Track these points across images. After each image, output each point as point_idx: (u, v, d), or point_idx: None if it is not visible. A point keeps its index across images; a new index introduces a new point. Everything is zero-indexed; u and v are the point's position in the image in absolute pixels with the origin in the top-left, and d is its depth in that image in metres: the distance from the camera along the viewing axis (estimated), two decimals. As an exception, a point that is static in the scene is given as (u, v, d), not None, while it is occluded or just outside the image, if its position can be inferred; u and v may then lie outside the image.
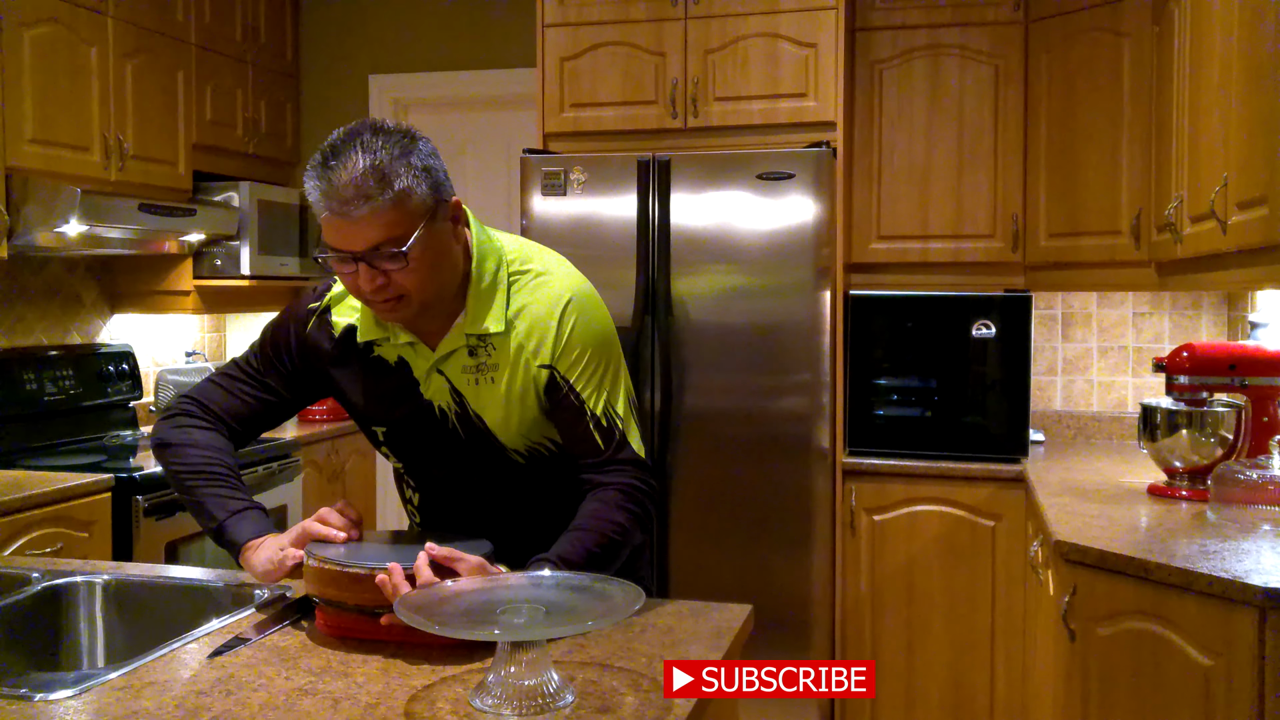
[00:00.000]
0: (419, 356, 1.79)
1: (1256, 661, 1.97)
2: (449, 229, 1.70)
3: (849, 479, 3.60)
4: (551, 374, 1.76)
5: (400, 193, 1.60)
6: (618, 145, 3.72)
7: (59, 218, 3.29)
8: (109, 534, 3.12)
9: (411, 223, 1.62)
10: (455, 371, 1.78)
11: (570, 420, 1.78)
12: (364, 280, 1.64)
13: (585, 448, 1.78)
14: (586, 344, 1.78)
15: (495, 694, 1.30)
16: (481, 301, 1.76)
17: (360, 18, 4.72)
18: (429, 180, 1.64)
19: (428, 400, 1.80)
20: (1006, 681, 3.49)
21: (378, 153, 1.59)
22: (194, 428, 1.87)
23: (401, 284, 1.64)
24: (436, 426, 1.81)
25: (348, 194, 1.58)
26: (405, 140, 1.63)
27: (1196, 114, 2.79)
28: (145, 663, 1.48)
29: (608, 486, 1.76)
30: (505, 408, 1.77)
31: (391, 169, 1.59)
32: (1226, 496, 2.56)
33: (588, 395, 1.77)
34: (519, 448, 1.81)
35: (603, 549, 1.69)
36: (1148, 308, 3.93)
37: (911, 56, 3.81)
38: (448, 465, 1.85)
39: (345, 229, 1.60)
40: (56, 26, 3.37)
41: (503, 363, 1.76)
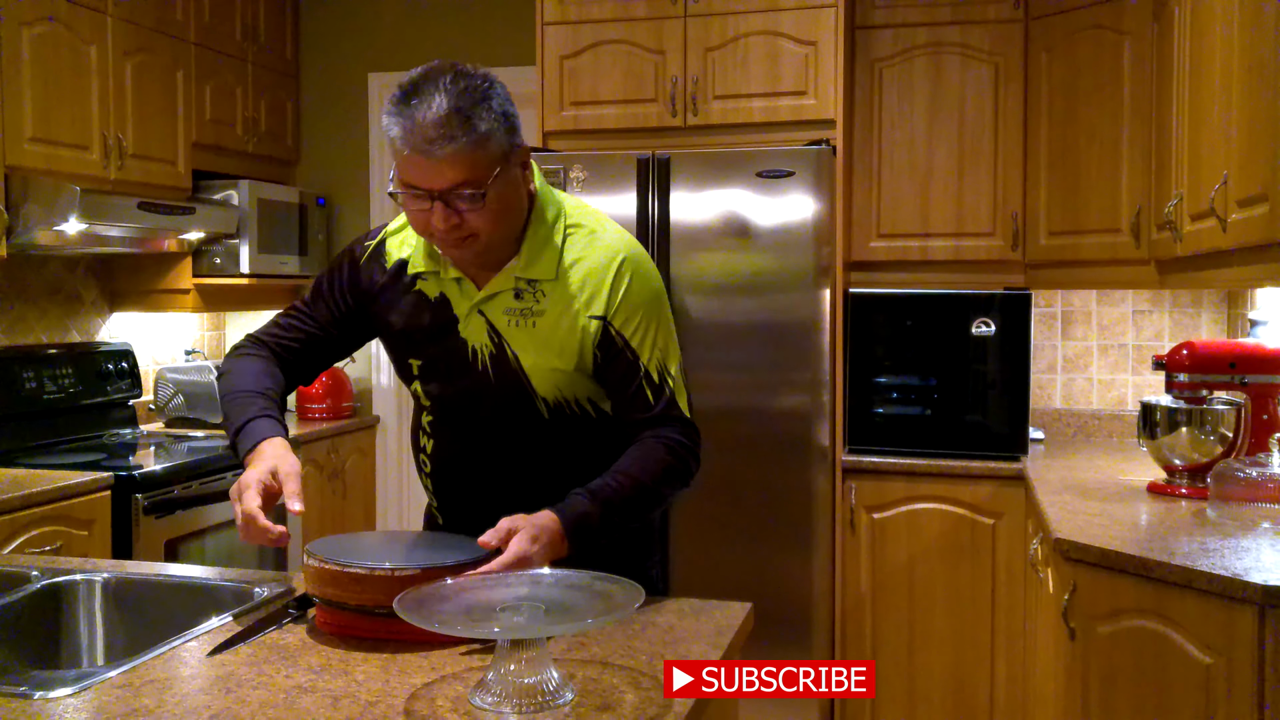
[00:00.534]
0: (463, 295, 1.82)
1: (1256, 659, 1.97)
2: (520, 174, 1.75)
3: (849, 477, 3.60)
4: (605, 328, 1.79)
5: (482, 135, 1.64)
6: (618, 143, 3.72)
7: (59, 216, 3.29)
8: (108, 532, 3.12)
9: (490, 165, 1.66)
10: (497, 313, 1.80)
11: (623, 375, 1.81)
12: (438, 218, 1.67)
13: (636, 404, 1.81)
14: (641, 301, 1.82)
15: (495, 692, 1.30)
16: (537, 247, 1.79)
17: (360, 16, 4.72)
18: (506, 124, 1.68)
19: (462, 339, 1.82)
20: (1007, 680, 3.49)
21: (460, 95, 1.64)
22: (245, 357, 1.92)
23: (474, 224, 1.68)
24: (467, 367, 1.82)
25: (431, 134, 1.62)
26: (485, 84, 1.68)
27: (1197, 111, 2.79)
28: (145, 661, 1.48)
29: (653, 438, 1.79)
30: (545, 352, 1.79)
31: (474, 111, 1.63)
32: (1226, 494, 2.56)
33: (642, 351, 1.81)
34: (548, 396, 1.82)
35: (639, 494, 1.74)
36: (1148, 306, 3.93)
37: (912, 54, 3.81)
38: (471, 410, 1.85)
39: (427, 167, 1.64)
40: (56, 25, 3.37)
41: (550, 309, 1.79)
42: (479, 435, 1.87)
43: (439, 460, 1.93)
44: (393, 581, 1.50)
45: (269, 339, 1.96)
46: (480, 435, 1.86)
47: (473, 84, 1.66)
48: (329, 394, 4.47)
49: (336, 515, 4.31)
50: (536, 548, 1.60)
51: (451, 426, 1.90)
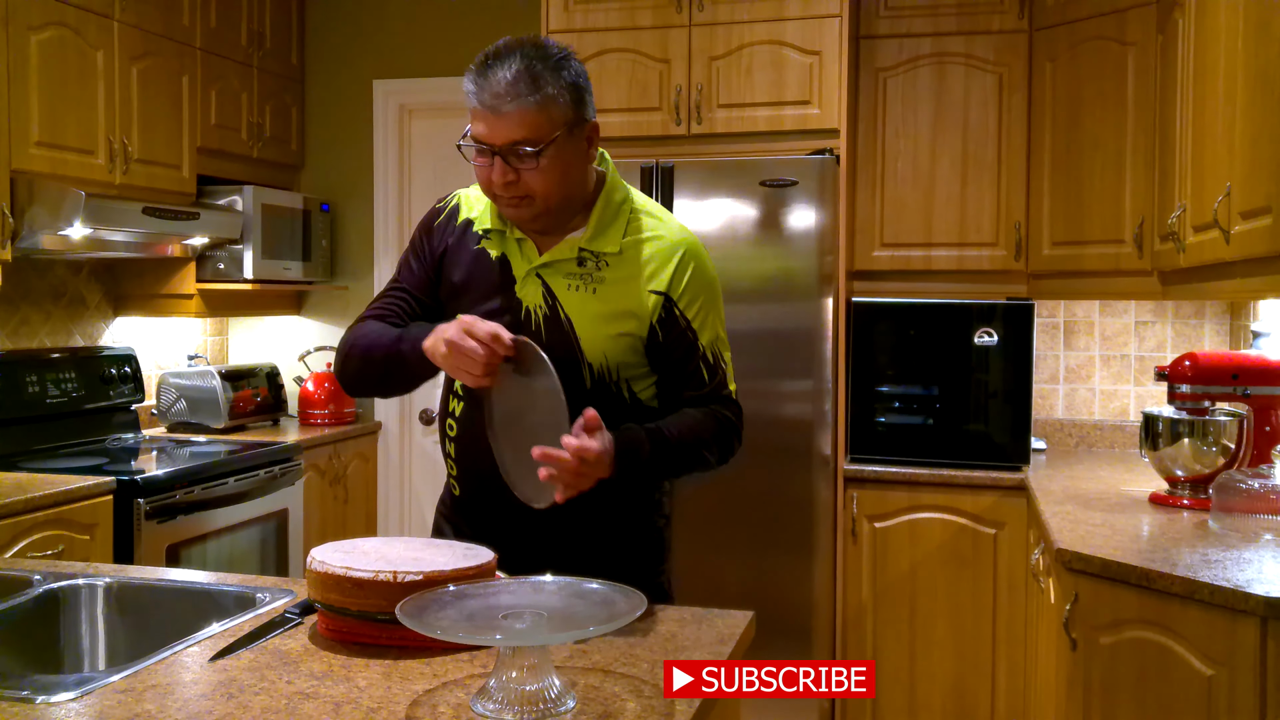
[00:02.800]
0: (524, 258, 1.89)
1: (1258, 671, 1.97)
2: (583, 148, 1.84)
3: (851, 486, 3.60)
4: (669, 305, 1.86)
5: (546, 97, 1.75)
6: (622, 151, 3.71)
7: (63, 221, 3.29)
8: (110, 537, 3.12)
9: (550, 129, 1.76)
10: (556, 278, 1.87)
11: (683, 353, 1.89)
12: (497, 173, 1.79)
13: (691, 381, 1.90)
14: (703, 286, 1.90)
15: (497, 699, 1.30)
16: (604, 222, 1.88)
17: (365, 23, 4.73)
18: (574, 94, 1.79)
19: (518, 299, 1.88)
20: (1008, 690, 3.49)
21: (534, 60, 1.77)
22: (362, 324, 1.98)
23: (530, 184, 1.78)
24: (519, 327, 1.86)
25: (499, 89, 1.75)
26: (561, 56, 1.80)
27: (1200, 123, 2.79)
28: (147, 666, 1.48)
29: (704, 408, 1.89)
30: (601, 316, 1.85)
31: (542, 76, 1.76)
32: (1228, 506, 2.56)
33: (702, 333, 1.90)
34: (594, 363, 1.86)
35: (688, 446, 1.84)
36: (1150, 317, 3.93)
37: (916, 64, 3.82)
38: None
39: (491, 122, 1.77)
40: (63, 30, 3.38)
41: (613, 278, 1.87)
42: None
43: (465, 424, 1.93)
44: (395, 588, 1.50)
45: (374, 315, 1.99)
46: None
47: (548, 52, 1.79)
48: (330, 399, 4.47)
49: (338, 521, 4.32)
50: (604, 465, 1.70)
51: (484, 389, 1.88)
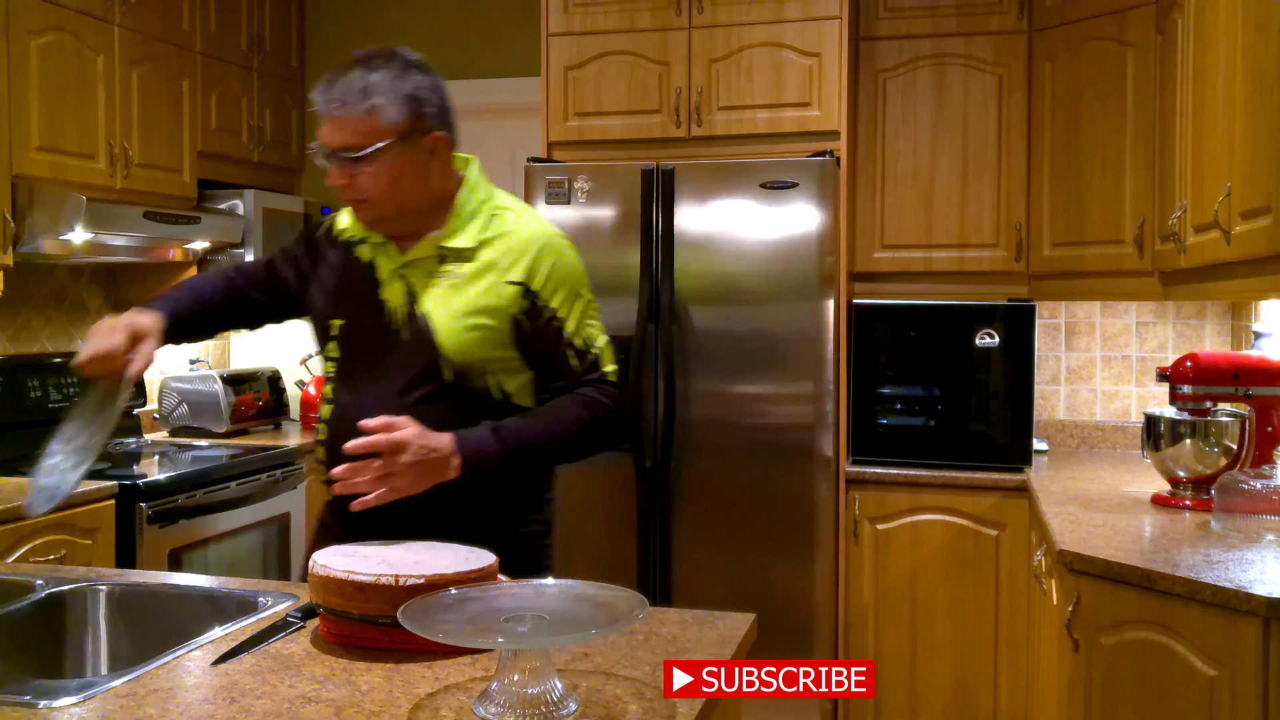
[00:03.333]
0: (387, 259, 1.97)
1: (1261, 671, 1.97)
2: (423, 158, 1.91)
3: (852, 487, 3.60)
4: (530, 297, 1.92)
5: (372, 108, 1.85)
6: (622, 154, 3.73)
7: (64, 225, 3.29)
8: (113, 541, 3.11)
9: (374, 137, 1.85)
10: (419, 276, 1.95)
11: (550, 342, 1.94)
12: (332, 175, 1.90)
13: (560, 370, 1.95)
14: (564, 276, 1.96)
15: (499, 702, 1.30)
16: (461, 222, 1.95)
17: (365, 26, 4.73)
18: (409, 107, 1.88)
19: (383, 299, 1.95)
20: (1010, 691, 3.49)
21: (374, 72, 1.86)
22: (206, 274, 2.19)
23: (362, 188, 1.88)
24: (381, 326, 1.94)
25: (331, 96, 1.86)
26: (405, 68, 1.90)
27: (1200, 123, 2.79)
28: (149, 670, 1.48)
29: (571, 396, 1.93)
30: (455, 309, 1.90)
31: (374, 87, 1.85)
32: (1230, 506, 2.56)
33: (568, 321, 1.94)
34: (454, 357, 1.90)
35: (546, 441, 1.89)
36: (1151, 317, 3.92)
37: (916, 66, 3.82)
38: (376, 370, 1.93)
39: (325, 126, 1.88)
40: (63, 35, 3.38)
41: (472, 274, 1.93)
42: (380, 398, 1.90)
43: (334, 424, 1.97)
44: (397, 591, 1.50)
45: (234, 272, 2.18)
46: (382, 398, 1.90)
47: (392, 65, 1.89)
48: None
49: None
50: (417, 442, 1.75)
51: (353, 389, 1.96)
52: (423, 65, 1.95)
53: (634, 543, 3.53)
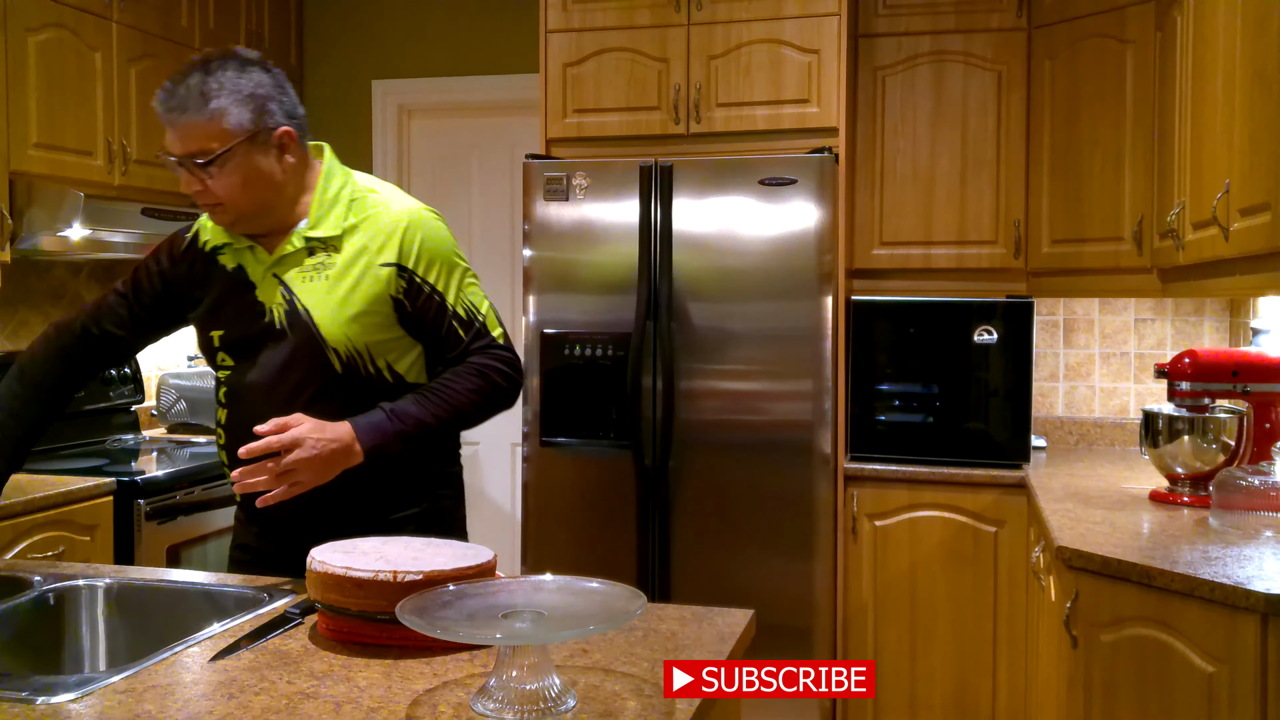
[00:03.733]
0: (257, 261, 1.98)
1: (1259, 668, 1.97)
2: (273, 155, 1.92)
3: (851, 484, 3.60)
4: (407, 275, 1.94)
5: (215, 111, 1.84)
6: (620, 151, 3.72)
7: (63, 222, 3.29)
8: (111, 538, 3.12)
9: (223, 140, 1.85)
10: (291, 272, 1.96)
11: (434, 317, 1.97)
12: (184, 182, 1.90)
13: (449, 342, 1.99)
14: (436, 250, 1.98)
15: (497, 698, 1.30)
16: (323, 210, 1.96)
17: (364, 23, 4.73)
18: (251, 106, 1.87)
19: (260, 302, 1.96)
20: (1009, 688, 3.49)
21: (211, 74, 1.85)
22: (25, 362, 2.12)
23: (217, 192, 1.88)
24: (263, 328, 1.95)
25: (173, 104, 1.85)
26: (242, 67, 1.88)
27: (1199, 120, 2.79)
28: (147, 666, 1.48)
29: (465, 365, 1.97)
30: (335, 300, 1.92)
31: (214, 89, 1.84)
32: (1228, 503, 2.56)
33: (448, 293, 1.98)
34: (339, 348, 1.92)
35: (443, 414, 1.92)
36: (1150, 314, 3.93)
37: (915, 63, 3.81)
38: (267, 371, 1.94)
39: (170, 134, 1.88)
40: (61, 32, 3.38)
41: (343, 263, 1.94)
42: (274, 397, 1.93)
43: (233, 428, 1.99)
44: (395, 587, 1.50)
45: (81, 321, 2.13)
46: (275, 396, 1.93)
47: (230, 66, 1.87)
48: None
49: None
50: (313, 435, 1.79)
51: (247, 392, 1.98)
52: (262, 63, 1.93)
53: (633, 540, 3.53)
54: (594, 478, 3.57)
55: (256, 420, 1.88)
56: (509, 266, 4.49)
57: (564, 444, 3.60)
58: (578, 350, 3.55)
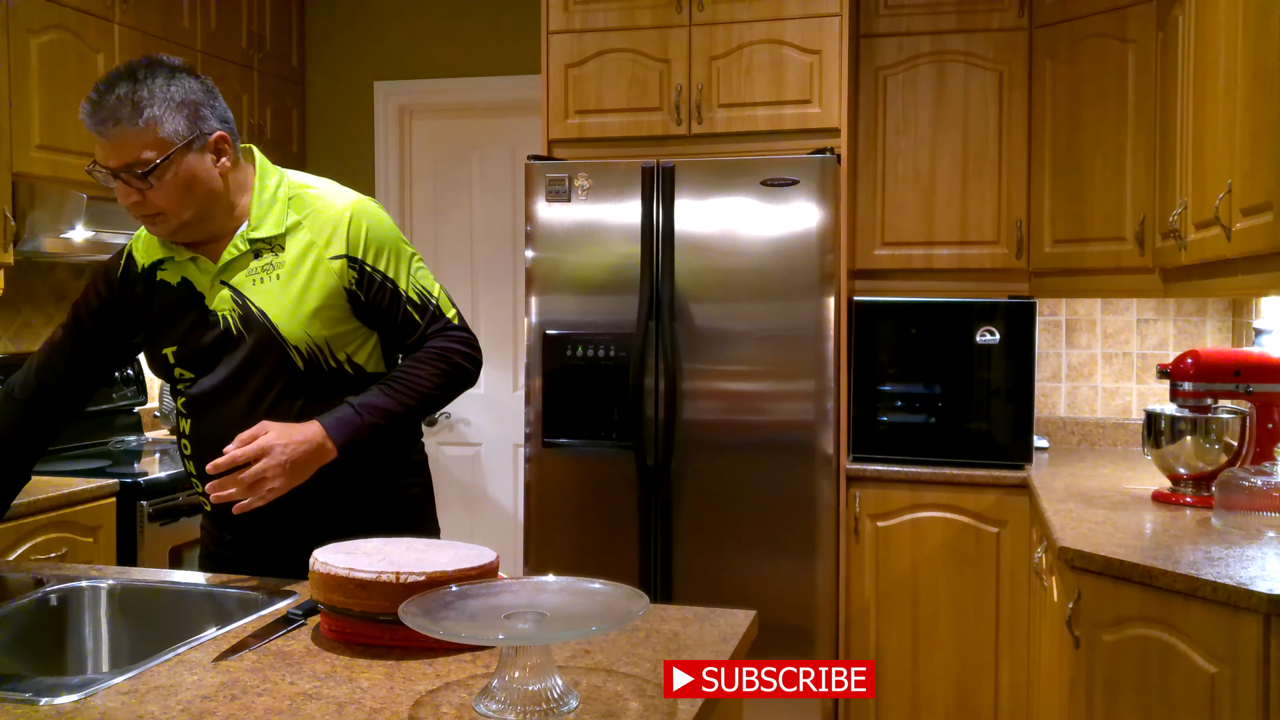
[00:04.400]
0: (201, 271, 1.95)
1: (1262, 668, 1.97)
2: (208, 160, 1.89)
3: (853, 485, 3.60)
4: (357, 266, 1.94)
5: (150, 119, 1.81)
6: (622, 152, 3.72)
7: (65, 224, 3.30)
8: (114, 539, 3.12)
9: (160, 148, 1.82)
10: (239, 277, 1.94)
11: (388, 305, 1.97)
12: (120, 194, 1.86)
13: (406, 328, 1.99)
14: (384, 239, 1.98)
15: (499, 699, 1.30)
16: (262, 211, 1.95)
17: (365, 24, 4.73)
18: (186, 112, 1.85)
19: (212, 311, 1.93)
20: (1011, 688, 3.49)
21: (140, 83, 1.81)
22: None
23: (156, 202, 1.85)
24: (219, 336, 1.93)
25: (103, 115, 1.81)
26: (168, 74, 1.84)
27: (1201, 120, 2.79)
28: (150, 667, 1.48)
29: (424, 350, 1.98)
30: (289, 299, 1.91)
31: (146, 98, 1.81)
32: (1231, 503, 2.56)
33: (399, 279, 1.97)
34: (300, 345, 1.92)
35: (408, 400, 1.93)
36: (1152, 314, 3.92)
37: (916, 63, 3.81)
38: (229, 377, 1.93)
39: (103, 146, 1.84)
40: (63, 33, 3.38)
41: (290, 260, 1.93)
42: (237, 402, 1.93)
43: (198, 439, 1.98)
44: (398, 588, 1.50)
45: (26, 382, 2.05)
46: (238, 401, 1.93)
47: (156, 74, 1.83)
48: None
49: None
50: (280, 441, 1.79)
51: (209, 400, 1.96)
52: (188, 68, 1.90)
53: (635, 540, 3.53)
54: (596, 478, 3.58)
55: (221, 427, 1.90)
56: (511, 267, 4.50)
57: (566, 445, 3.60)
58: (580, 351, 3.55)
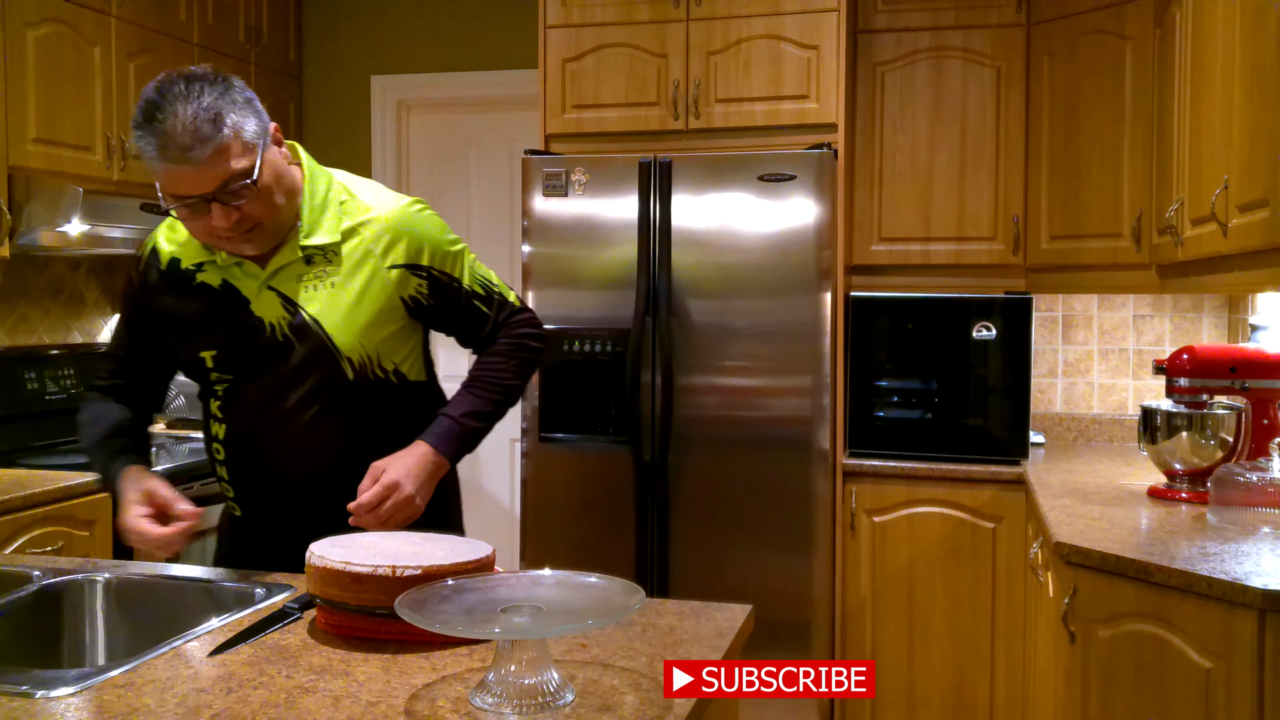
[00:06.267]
0: (247, 276, 1.90)
1: (1256, 663, 1.97)
2: (278, 153, 1.84)
3: (849, 480, 3.60)
4: (422, 271, 1.93)
5: (235, 127, 1.72)
6: (619, 146, 3.72)
7: (61, 217, 3.29)
8: (110, 532, 3.11)
9: (251, 154, 1.75)
10: (289, 283, 1.89)
11: (457, 303, 1.99)
12: (219, 219, 1.74)
13: (476, 323, 2.02)
14: (438, 241, 1.97)
15: (495, 692, 1.30)
16: (314, 216, 1.89)
17: (363, 18, 4.72)
18: (252, 110, 1.77)
19: (258, 317, 1.89)
20: (1007, 683, 3.49)
21: (202, 97, 1.70)
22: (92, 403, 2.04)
23: (254, 214, 1.77)
24: (266, 343, 1.89)
25: (186, 140, 1.68)
26: (220, 81, 1.75)
27: (1198, 116, 2.79)
28: (146, 661, 1.48)
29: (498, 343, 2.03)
30: (344, 308, 1.88)
31: (220, 108, 1.71)
32: (1226, 499, 2.56)
33: (462, 276, 1.99)
34: (353, 355, 1.89)
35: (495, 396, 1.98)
36: (1148, 310, 3.93)
37: (914, 59, 3.81)
38: (270, 385, 1.90)
39: (191, 175, 1.70)
40: (60, 26, 3.38)
41: (346, 267, 1.89)
42: (277, 409, 1.91)
43: (233, 443, 1.97)
44: (394, 582, 1.50)
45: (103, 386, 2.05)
46: (278, 409, 1.91)
47: (208, 83, 1.73)
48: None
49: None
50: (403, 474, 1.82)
51: (244, 405, 1.94)
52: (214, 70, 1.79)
53: (631, 536, 3.53)
54: (593, 473, 3.58)
55: (259, 434, 1.90)
56: (508, 262, 4.49)
57: (563, 440, 3.60)
58: (577, 346, 3.55)
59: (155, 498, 1.82)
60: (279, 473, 1.94)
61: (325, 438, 1.92)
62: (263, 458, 1.95)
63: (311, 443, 1.92)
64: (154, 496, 1.81)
